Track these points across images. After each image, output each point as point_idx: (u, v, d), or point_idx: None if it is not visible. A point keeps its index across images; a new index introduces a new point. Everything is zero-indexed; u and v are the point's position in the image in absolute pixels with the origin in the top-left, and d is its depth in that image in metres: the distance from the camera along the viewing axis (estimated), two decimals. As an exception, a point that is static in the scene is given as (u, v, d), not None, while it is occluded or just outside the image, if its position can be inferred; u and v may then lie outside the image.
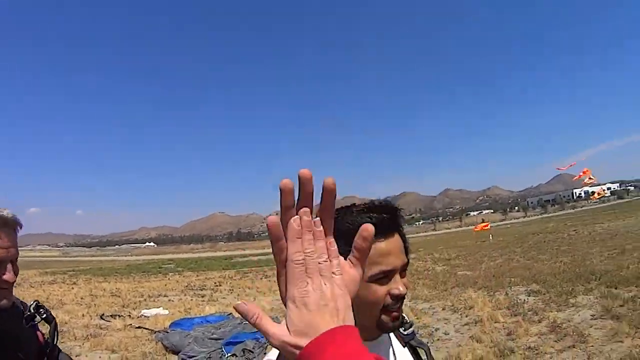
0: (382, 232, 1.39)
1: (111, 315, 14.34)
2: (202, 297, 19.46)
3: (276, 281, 0.82)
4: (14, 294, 1.98)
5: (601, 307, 9.80)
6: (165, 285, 25.71)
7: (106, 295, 20.62)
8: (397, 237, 1.45)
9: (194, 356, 9.10)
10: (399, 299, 1.41)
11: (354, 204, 1.50)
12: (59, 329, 2.23)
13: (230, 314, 13.71)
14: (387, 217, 1.43)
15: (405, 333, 1.61)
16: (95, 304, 16.90)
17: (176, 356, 9.49)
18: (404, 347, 1.63)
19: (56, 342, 2.18)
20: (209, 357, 9.03)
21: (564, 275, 14.30)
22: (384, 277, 1.41)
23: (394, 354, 1.58)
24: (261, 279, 26.24)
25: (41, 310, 2.10)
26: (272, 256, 0.76)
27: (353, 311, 1.48)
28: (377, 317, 1.43)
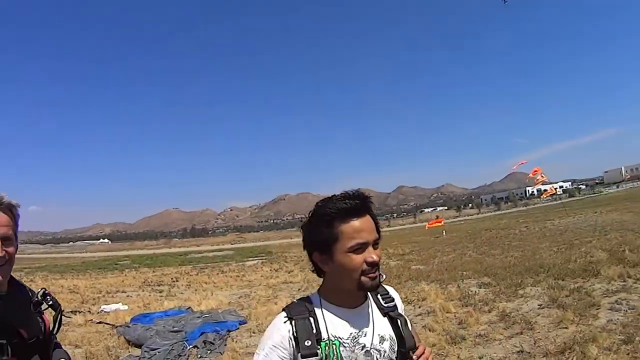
0: (356, 213, 1.90)
1: (71, 311, 14.24)
2: (160, 292, 19.50)
3: (232, 276, 0.93)
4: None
5: (548, 297, 10.28)
6: (123, 281, 25.56)
7: (64, 292, 20.41)
8: (368, 217, 1.93)
9: (156, 349, 9.20)
10: (374, 265, 1.87)
11: (334, 194, 1.98)
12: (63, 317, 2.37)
13: (189, 308, 13.94)
14: (359, 202, 1.91)
15: (386, 305, 2.05)
16: None
17: (139, 349, 9.54)
18: (383, 316, 2.03)
19: (59, 329, 2.32)
20: (172, 349, 9.14)
21: (514, 269, 14.80)
22: (360, 248, 1.86)
23: (373, 321, 1.99)
24: (217, 274, 26.30)
25: (48, 297, 2.28)
26: (227, 252, 0.86)
27: (337, 278, 1.93)
28: (358, 280, 1.88)
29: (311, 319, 1.91)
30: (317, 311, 1.95)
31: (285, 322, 1.91)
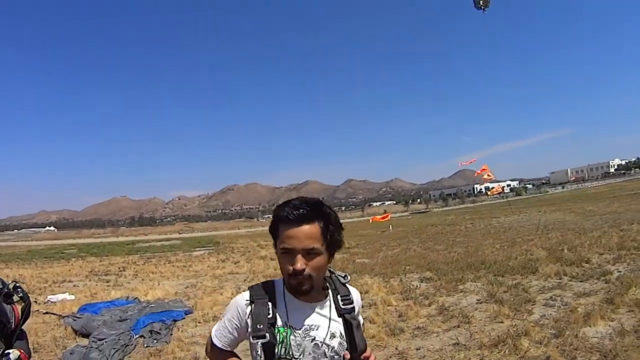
0: (292, 221, 1.98)
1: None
2: (107, 282, 19.30)
3: (179, 266, 1.05)
4: None
5: (487, 292, 10.66)
6: (69, 270, 25.10)
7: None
8: (308, 227, 1.99)
9: (104, 338, 9.11)
10: (296, 273, 1.96)
11: (293, 198, 2.10)
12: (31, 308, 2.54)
13: (136, 298, 13.89)
14: (301, 211, 1.99)
15: (343, 306, 2.14)
16: None
17: (86, 339, 9.45)
18: (339, 316, 2.13)
19: (26, 320, 2.55)
20: (119, 339, 9.10)
21: (456, 264, 15.21)
22: (286, 253, 2.00)
23: (329, 318, 2.12)
24: (165, 264, 26.16)
25: (19, 289, 2.52)
26: (175, 242, 0.94)
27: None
28: (287, 281, 2.04)
29: (270, 304, 2.06)
30: (278, 297, 2.11)
31: (246, 302, 2.11)
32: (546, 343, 6.76)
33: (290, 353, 2.01)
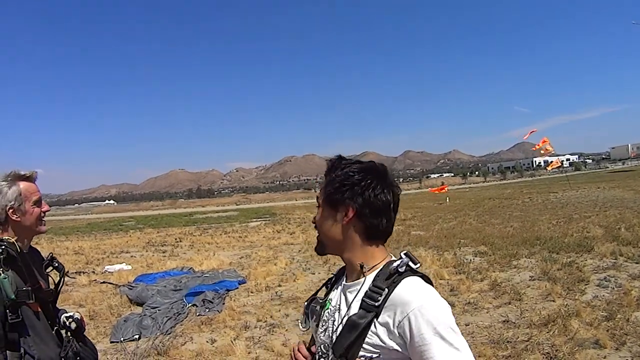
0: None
1: (76, 272, 14.54)
2: (164, 252, 19.79)
3: (235, 237, 1.04)
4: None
5: (540, 269, 10.48)
6: (127, 242, 25.83)
7: (69, 254, 20.78)
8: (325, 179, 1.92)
9: (157, 307, 9.47)
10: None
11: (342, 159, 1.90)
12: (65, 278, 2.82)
13: (191, 268, 14.24)
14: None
15: (364, 298, 1.67)
16: None
17: (141, 308, 9.83)
18: (359, 307, 1.74)
19: (61, 288, 2.77)
20: (171, 308, 9.37)
21: (511, 239, 14.95)
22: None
23: (349, 306, 1.75)
24: (221, 234, 26.52)
25: (54, 260, 2.77)
26: (231, 213, 0.92)
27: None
28: None
29: (335, 277, 2.06)
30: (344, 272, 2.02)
31: (336, 272, 2.10)
32: (596, 325, 6.60)
33: (319, 326, 1.91)
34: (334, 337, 1.71)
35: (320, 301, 1.99)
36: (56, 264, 2.77)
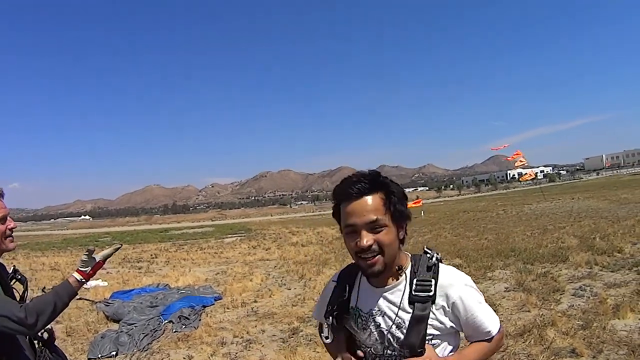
0: (354, 195, 1.89)
1: (52, 289, 14.27)
2: (139, 269, 19.65)
3: (211, 253, 1.06)
4: None
5: (515, 280, 10.53)
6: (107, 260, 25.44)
7: (46, 270, 20.60)
8: (368, 198, 1.88)
9: (133, 323, 9.43)
10: (364, 250, 1.85)
11: (349, 175, 1.98)
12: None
13: (167, 284, 14.20)
14: (358, 185, 1.89)
15: (415, 293, 1.93)
16: (35, 278, 16.85)
17: (117, 324, 9.76)
18: (410, 304, 1.94)
19: (26, 298, 2.87)
20: (148, 324, 9.33)
21: (486, 251, 15.04)
22: (351, 232, 1.90)
23: (399, 305, 1.96)
24: (196, 250, 26.33)
25: (17, 273, 2.90)
26: (207, 229, 0.96)
27: None
28: (357, 262, 1.95)
29: (347, 286, 2.10)
30: (357, 280, 2.11)
31: (334, 282, 2.21)
32: (573, 334, 6.63)
33: (358, 335, 2.02)
34: (397, 334, 1.91)
35: (351, 314, 2.07)
36: (19, 277, 2.89)
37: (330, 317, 2.05)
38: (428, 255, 2.03)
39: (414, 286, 1.93)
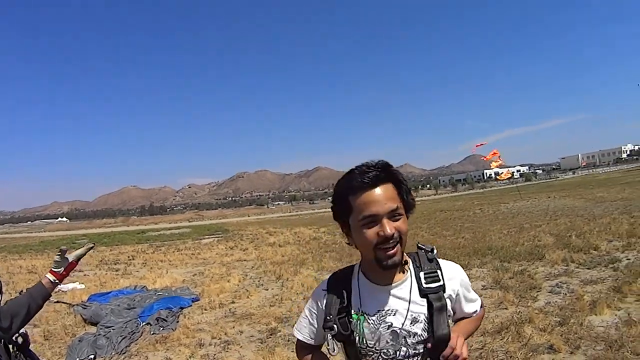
0: (366, 185, 1.81)
1: None
2: (117, 271, 19.40)
3: (188, 254, 1.01)
4: None
5: (492, 278, 10.61)
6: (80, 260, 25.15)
7: (23, 273, 20.25)
8: (383, 187, 1.82)
9: (111, 326, 9.33)
10: (387, 239, 1.77)
11: (355, 167, 1.91)
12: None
13: (144, 286, 14.10)
14: (372, 173, 1.82)
15: (426, 285, 1.91)
16: (13, 282, 16.61)
17: (95, 327, 9.65)
18: (422, 297, 1.90)
19: (0, 302, 2.86)
20: (125, 327, 9.24)
21: (463, 250, 15.13)
22: (371, 222, 1.79)
23: (409, 300, 1.90)
24: (173, 252, 26.15)
25: None
26: (184, 230, 0.93)
27: (361, 251, 1.95)
28: (374, 255, 1.81)
29: (344, 291, 1.95)
30: (353, 283, 1.98)
31: (323, 293, 2.03)
32: (550, 331, 6.68)
33: (365, 342, 1.89)
34: (413, 329, 1.87)
35: (354, 320, 1.93)
36: None
37: (336, 327, 1.90)
38: (426, 249, 2.03)
39: (422, 279, 1.92)
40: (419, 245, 2.07)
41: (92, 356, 7.87)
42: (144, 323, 9.58)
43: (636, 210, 21.05)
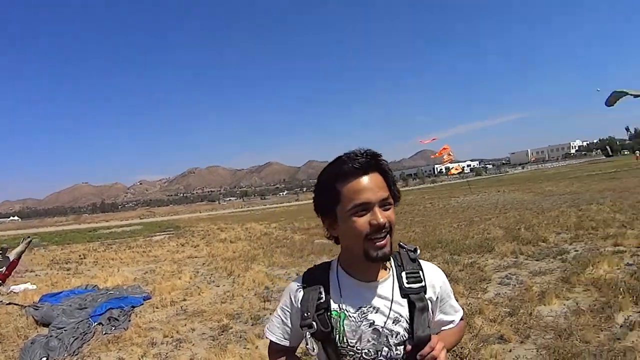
0: (356, 172, 1.73)
1: None
2: (68, 270, 18.99)
3: (139, 251, 0.89)
4: None
5: (443, 271, 10.61)
6: (32, 260, 24.55)
7: None
8: (374, 175, 1.76)
9: (63, 327, 9.13)
10: (379, 228, 1.70)
11: (345, 153, 1.82)
12: None
13: (96, 285, 13.83)
14: (362, 160, 1.74)
15: (407, 285, 1.84)
16: None
17: (47, 328, 9.44)
18: (402, 297, 1.83)
19: None
20: (77, 327, 9.07)
21: (413, 243, 15.03)
22: (362, 210, 1.72)
23: (392, 299, 1.83)
24: (125, 250, 25.72)
25: None
26: (136, 227, 0.83)
27: (346, 244, 1.87)
28: (363, 247, 1.73)
29: (322, 288, 1.86)
30: (332, 279, 1.89)
31: (298, 287, 1.92)
32: (500, 321, 6.75)
33: (345, 340, 1.80)
34: (395, 329, 1.79)
35: (334, 316, 1.83)
36: None
37: (315, 324, 1.80)
38: (408, 248, 1.97)
39: (404, 278, 1.86)
40: (401, 244, 2.01)
41: (44, 358, 7.73)
42: (95, 323, 9.45)
43: (584, 203, 21.52)
